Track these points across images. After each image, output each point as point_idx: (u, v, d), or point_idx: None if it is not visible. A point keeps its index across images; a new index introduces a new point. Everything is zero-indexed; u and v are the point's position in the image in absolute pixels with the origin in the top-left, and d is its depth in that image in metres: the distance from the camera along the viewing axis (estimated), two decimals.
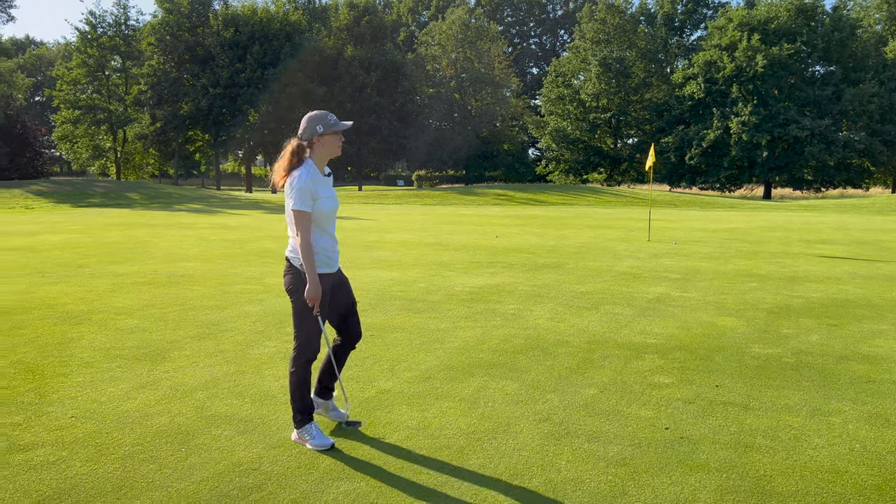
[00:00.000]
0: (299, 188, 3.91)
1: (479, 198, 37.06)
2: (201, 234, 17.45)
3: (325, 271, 4.11)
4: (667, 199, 39.28)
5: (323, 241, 4.10)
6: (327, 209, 4.06)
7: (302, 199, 3.91)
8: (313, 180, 3.97)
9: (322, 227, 4.08)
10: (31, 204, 28.86)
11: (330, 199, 4.09)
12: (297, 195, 3.91)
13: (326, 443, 4.09)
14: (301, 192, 3.91)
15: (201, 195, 36.93)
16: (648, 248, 15.40)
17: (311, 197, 3.95)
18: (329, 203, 4.06)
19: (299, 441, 4.16)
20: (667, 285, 10.25)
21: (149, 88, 48.69)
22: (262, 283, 9.73)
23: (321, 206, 4.02)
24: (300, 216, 3.92)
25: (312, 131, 4.01)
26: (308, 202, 3.94)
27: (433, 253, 13.82)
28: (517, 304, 8.61)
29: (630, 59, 55.38)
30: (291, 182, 3.94)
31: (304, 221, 3.93)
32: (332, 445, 4.10)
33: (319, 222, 4.05)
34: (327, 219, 4.10)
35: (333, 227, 4.22)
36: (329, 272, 4.15)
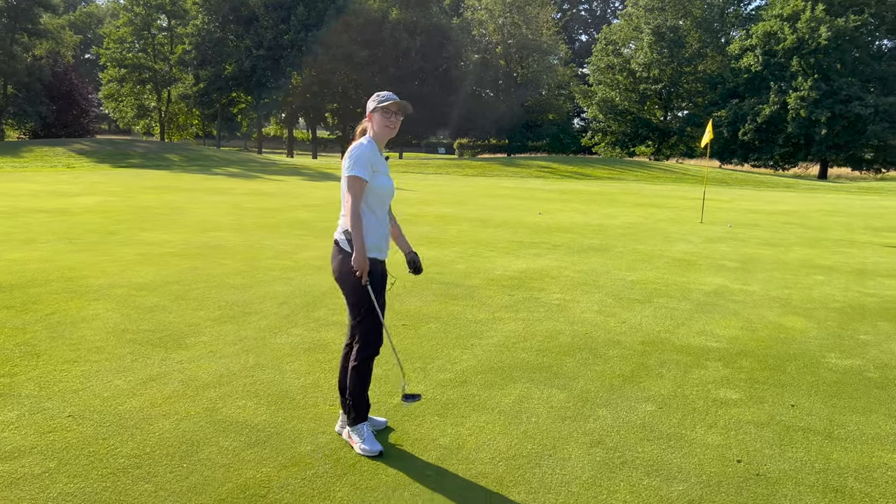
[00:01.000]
0: (358, 155, 3.66)
1: (522, 169, 36.12)
2: (237, 200, 17.10)
3: (377, 256, 3.78)
4: (718, 176, 37.81)
5: (378, 223, 3.77)
6: (384, 186, 3.76)
7: (361, 166, 3.64)
8: (374, 151, 3.72)
9: (377, 206, 3.75)
10: (73, 163, 28.95)
11: (387, 176, 3.80)
12: (355, 161, 3.64)
13: (376, 448, 3.77)
14: (360, 158, 3.65)
15: (240, 158, 36.73)
16: (702, 230, 14.55)
17: (370, 166, 3.67)
18: (386, 180, 3.77)
19: (348, 440, 3.87)
20: (725, 275, 9.49)
21: (193, 48, 48.52)
22: (293, 259, 9.26)
23: (379, 181, 3.72)
24: (355, 181, 3.62)
25: (370, 106, 3.79)
26: (367, 171, 3.65)
27: (473, 229, 13.21)
28: (562, 292, 7.98)
29: (684, 29, 53.19)
30: (350, 152, 3.69)
31: (358, 187, 3.63)
32: (381, 452, 3.78)
33: (372, 201, 3.72)
34: (381, 199, 3.77)
35: (387, 208, 3.87)
36: (381, 258, 3.82)
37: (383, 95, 3.78)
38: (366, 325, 3.77)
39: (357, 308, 3.75)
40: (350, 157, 3.68)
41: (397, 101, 3.73)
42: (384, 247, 3.85)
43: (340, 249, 3.73)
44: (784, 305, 7.80)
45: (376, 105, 3.74)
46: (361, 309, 3.74)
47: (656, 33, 52.19)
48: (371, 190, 3.69)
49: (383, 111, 3.73)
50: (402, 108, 3.77)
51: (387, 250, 3.91)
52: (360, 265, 3.60)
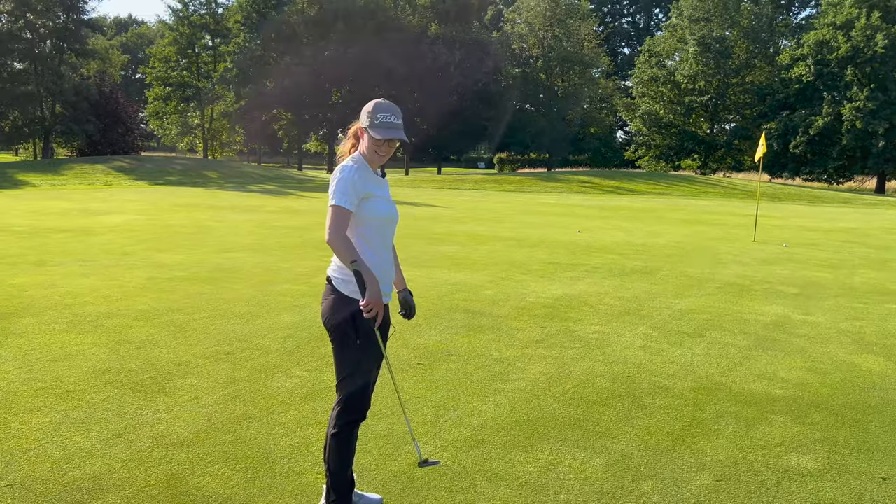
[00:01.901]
0: (340, 179, 2.94)
1: (562, 184, 35.16)
2: (265, 218, 16.65)
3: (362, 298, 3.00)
4: (769, 190, 36.29)
5: (376, 258, 3.05)
6: (380, 213, 3.06)
7: (343, 192, 2.92)
8: (362, 174, 3.00)
9: (374, 238, 3.06)
10: (111, 180, 29.10)
11: (384, 200, 3.09)
12: (335, 187, 2.94)
13: None
14: (341, 183, 2.93)
15: (277, 175, 36.62)
16: (755, 250, 13.51)
17: (355, 193, 2.94)
18: (383, 205, 3.07)
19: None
20: (784, 303, 8.53)
21: (234, 66, 48.98)
22: (309, 283, 8.63)
23: (373, 206, 3.02)
24: (337, 212, 2.90)
25: (362, 119, 3.05)
26: (351, 199, 2.93)
27: (506, 249, 12.44)
28: (602, 324, 7.16)
29: (731, 39, 51.67)
30: (334, 174, 3.01)
31: (342, 219, 2.92)
32: None
33: (371, 232, 3.05)
34: (380, 228, 3.08)
35: (390, 239, 3.19)
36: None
37: (381, 116, 2.99)
38: (352, 384, 3.06)
39: (344, 363, 3.04)
40: (332, 181, 3.00)
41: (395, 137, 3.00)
42: (386, 288, 3.15)
43: (333, 289, 3.04)
44: (856, 341, 6.85)
45: (369, 124, 3.00)
46: (349, 365, 3.03)
47: (702, 44, 50.80)
48: (363, 220, 3.01)
49: (381, 141, 3.01)
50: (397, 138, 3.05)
51: (390, 292, 3.21)
52: (374, 300, 2.84)
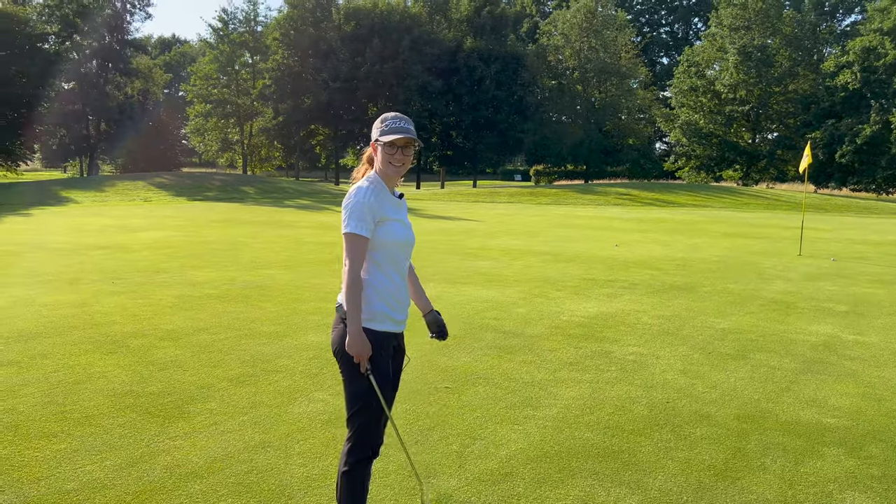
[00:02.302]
0: (354, 204, 2.81)
1: (599, 197, 34.65)
2: (298, 234, 16.65)
3: (389, 329, 2.93)
4: (814, 201, 35.24)
5: (389, 283, 2.92)
6: (397, 237, 2.92)
7: (358, 218, 2.79)
8: (378, 196, 2.86)
9: (387, 263, 2.91)
10: (151, 196, 29.61)
11: (401, 224, 2.96)
12: (349, 213, 2.81)
13: None
14: (356, 209, 2.80)
15: (314, 190, 36.85)
16: (801, 264, 12.99)
17: (371, 218, 2.82)
18: (399, 229, 2.93)
19: None
20: (834, 322, 8.11)
21: (272, 83, 49.67)
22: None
23: (389, 231, 2.89)
24: (353, 241, 2.78)
25: (372, 136, 2.96)
26: (367, 224, 2.80)
27: (541, 265, 12.17)
28: (639, 344, 6.86)
29: (773, 47, 50.58)
30: (347, 196, 2.86)
31: (358, 249, 2.79)
32: None
33: (384, 256, 2.90)
34: (393, 255, 2.93)
35: (405, 264, 3.03)
36: (393, 331, 2.96)
37: (389, 122, 2.90)
38: (362, 418, 2.90)
39: (355, 397, 2.88)
40: (345, 206, 2.85)
41: (406, 136, 2.86)
42: (400, 315, 2.99)
43: (342, 318, 2.88)
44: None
45: (379, 135, 2.88)
46: (359, 398, 2.87)
47: (742, 53, 49.83)
48: (378, 245, 2.87)
49: (387, 145, 2.87)
50: (412, 142, 2.91)
51: (404, 320, 3.02)
52: (357, 349, 2.77)
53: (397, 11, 50.67)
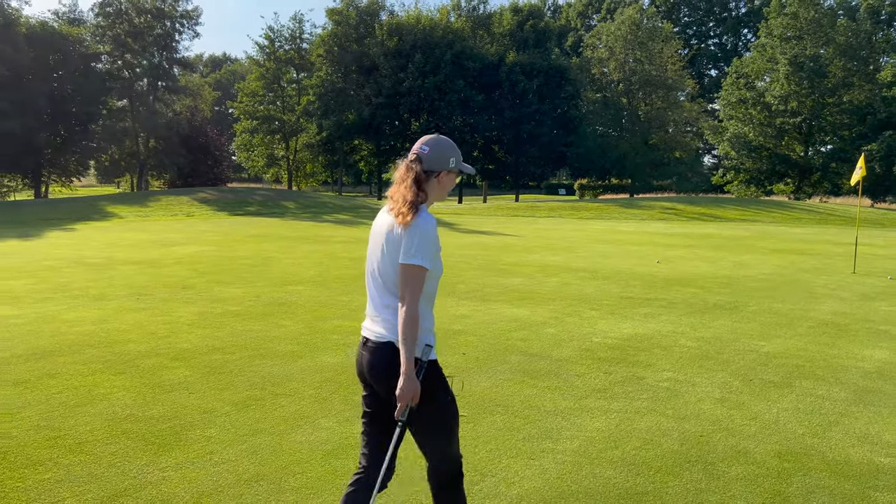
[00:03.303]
0: (426, 236, 2.68)
1: (643, 211, 33.84)
2: (332, 249, 16.52)
3: (435, 357, 2.83)
4: (871, 216, 33.78)
5: (429, 317, 2.84)
6: (440, 270, 2.86)
7: (427, 251, 2.68)
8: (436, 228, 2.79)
9: (429, 297, 2.83)
10: (194, 211, 30.01)
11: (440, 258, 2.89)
12: (421, 243, 2.67)
13: None
14: (428, 241, 2.69)
15: (354, 205, 36.92)
16: (854, 283, 12.26)
17: (437, 252, 2.77)
18: (440, 264, 2.87)
19: None
20: (889, 347, 7.51)
21: (316, 99, 50.24)
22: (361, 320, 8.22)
23: (439, 263, 2.83)
24: (420, 274, 2.67)
25: (445, 163, 2.84)
26: (433, 258, 2.72)
27: (576, 282, 11.73)
28: (675, 369, 6.42)
29: (826, 57, 48.98)
30: (414, 225, 2.68)
31: (422, 283, 2.68)
32: None
33: (430, 290, 2.83)
34: (435, 286, 2.88)
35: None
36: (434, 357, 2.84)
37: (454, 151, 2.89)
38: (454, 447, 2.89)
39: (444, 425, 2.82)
40: (414, 235, 2.67)
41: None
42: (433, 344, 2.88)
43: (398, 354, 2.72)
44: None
45: (458, 166, 2.89)
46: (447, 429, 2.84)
47: (794, 63, 48.37)
48: (429, 277, 2.76)
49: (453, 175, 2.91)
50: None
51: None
52: (412, 392, 2.63)
53: (440, 26, 50.79)
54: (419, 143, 2.85)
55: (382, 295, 2.77)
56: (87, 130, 43.05)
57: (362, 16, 51.45)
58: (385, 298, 2.75)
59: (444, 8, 54.57)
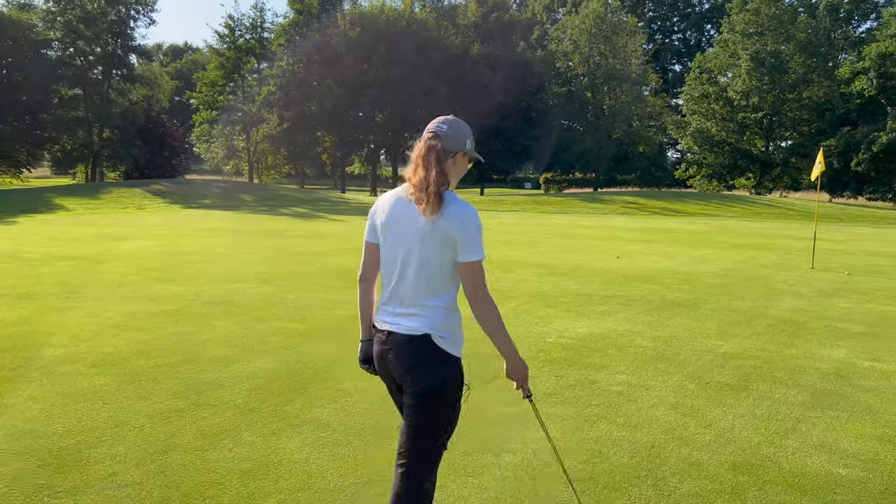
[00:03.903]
0: (479, 226, 2.61)
1: (605, 205, 33.81)
2: (284, 244, 15.99)
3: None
4: (829, 211, 34.29)
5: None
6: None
7: (482, 243, 2.62)
8: None
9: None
10: (146, 204, 29.07)
11: None
12: (478, 237, 2.60)
13: None
14: (481, 232, 2.62)
15: (314, 198, 36.21)
16: (813, 279, 12.19)
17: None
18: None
19: None
20: (848, 346, 7.34)
21: (277, 89, 49.26)
22: (307, 319, 7.81)
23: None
24: (482, 267, 2.62)
25: (462, 143, 2.72)
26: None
27: (534, 278, 11.45)
28: (629, 372, 6.14)
29: (787, 53, 49.60)
30: (463, 216, 2.56)
31: (484, 273, 2.63)
32: None
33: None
34: None
35: None
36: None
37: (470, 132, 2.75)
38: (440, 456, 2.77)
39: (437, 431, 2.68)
40: (471, 230, 2.57)
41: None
42: None
43: (437, 350, 2.60)
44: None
45: (470, 146, 2.74)
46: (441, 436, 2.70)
47: (755, 59, 48.89)
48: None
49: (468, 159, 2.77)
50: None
51: None
52: (522, 369, 2.73)
53: (403, 17, 50.16)
54: (436, 122, 2.71)
55: (421, 290, 2.61)
56: (37, 120, 41.55)
57: (325, 5, 50.57)
58: (425, 293, 2.61)
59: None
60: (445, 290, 2.62)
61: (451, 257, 2.57)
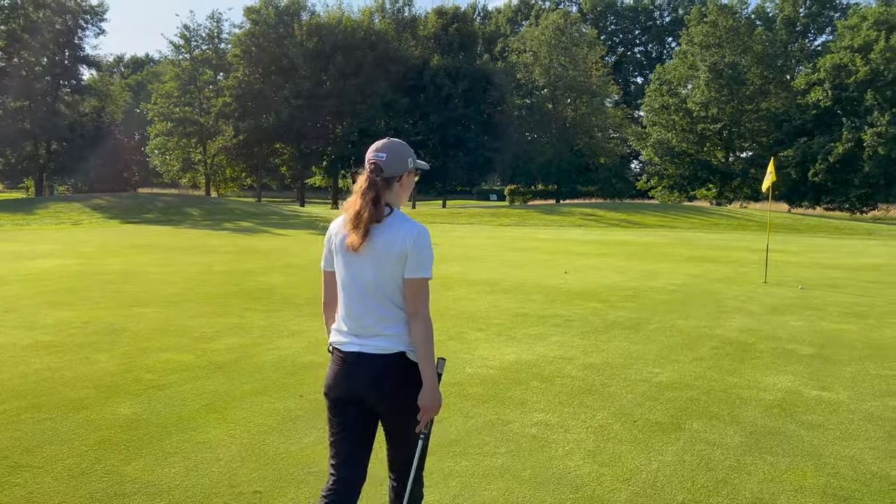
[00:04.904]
0: (429, 245, 2.73)
1: (563, 217, 33.31)
2: (211, 261, 14.99)
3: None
4: (786, 221, 34.25)
5: None
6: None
7: (431, 262, 2.73)
8: None
9: None
10: (84, 219, 27.70)
11: None
12: (428, 256, 2.71)
13: None
14: (431, 251, 2.73)
15: (265, 212, 35.05)
16: (765, 294, 11.65)
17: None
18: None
19: None
20: (795, 371, 6.73)
21: (233, 100, 48.10)
22: (202, 349, 6.96)
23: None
24: (427, 286, 2.72)
25: (404, 165, 2.80)
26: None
27: (472, 296, 10.72)
28: (549, 409, 5.42)
29: (744, 65, 50.01)
30: (416, 236, 2.68)
31: (428, 293, 2.74)
32: None
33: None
34: None
35: None
36: None
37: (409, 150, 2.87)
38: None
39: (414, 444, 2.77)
40: (425, 246, 2.71)
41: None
42: None
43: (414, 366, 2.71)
44: (891, 434, 5.04)
45: (412, 164, 2.84)
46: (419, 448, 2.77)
47: (713, 70, 49.21)
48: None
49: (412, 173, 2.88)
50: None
51: None
52: (437, 403, 2.71)
53: (362, 28, 49.44)
54: (374, 151, 2.78)
55: (384, 308, 2.70)
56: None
57: (282, 16, 49.63)
58: (389, 311, 2.70)
59: (367, 9, 53.29)
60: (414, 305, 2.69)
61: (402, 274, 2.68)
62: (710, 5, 52.30)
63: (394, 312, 2.70)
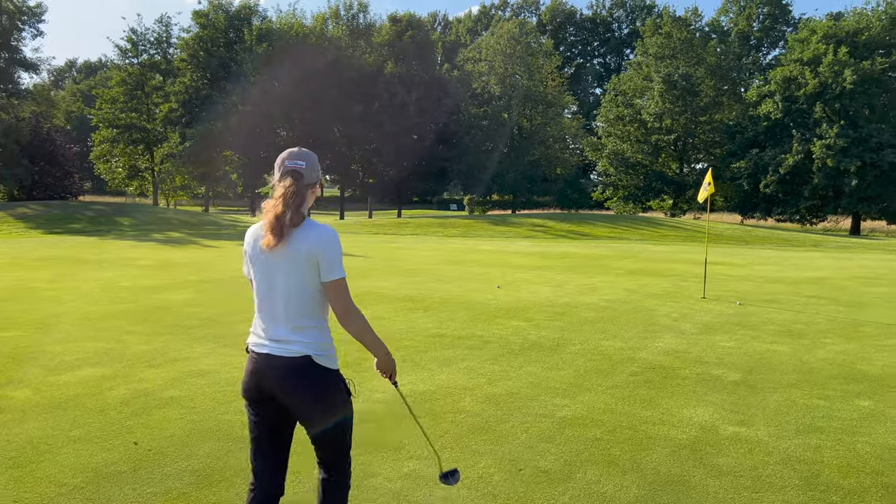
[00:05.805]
0: (339, 245, 2.82)
1: (511, 228, 32.74)
2: (119, 276, 13.93)
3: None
4: (737, 233, 34.24)
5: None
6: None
7: (341, 260, 2.83)
8: None
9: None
10: (5, 228, 26.24)
11: None
12: (339, 256, 2.80)
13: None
14: (341, 251, 2.83)
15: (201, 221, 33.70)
16: (701, 310, 11.10)
17: None
18: None
19: None
20: (717, 401, 6.10)
21: (179, 106, 46.65)
22: (43, 386, 6.04)
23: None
24: (345, 283, 2.82)
25: (318, 172, 2.94)
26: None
27: (390, 315, 9.96)
28: (425, 456, 4.70)
29: (698, 77, 50.36)
30: (327, 239, 2.77)
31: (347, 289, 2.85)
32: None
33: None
34: None
35: None
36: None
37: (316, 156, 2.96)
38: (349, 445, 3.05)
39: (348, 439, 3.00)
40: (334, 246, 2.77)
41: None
42: None
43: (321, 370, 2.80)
44: (809, 482, 4.41)
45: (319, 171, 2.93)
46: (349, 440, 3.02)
47: (667, 81, 49.44)
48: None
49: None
50: None
51: None
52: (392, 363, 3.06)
53: (314, 34, 48.50)
54: (292, 159, 2.81)
55: (299, 315, 2.78)
56: None
57: (232, 20, 48.41)
58: (302, 317, 2.78)
59: (321, 14, 52.36)
60: (317, 311, 2.81)
61: (317, 279, 2.75)
62: (665, 17, 52.66)
63: (304, 316, 2.78)
